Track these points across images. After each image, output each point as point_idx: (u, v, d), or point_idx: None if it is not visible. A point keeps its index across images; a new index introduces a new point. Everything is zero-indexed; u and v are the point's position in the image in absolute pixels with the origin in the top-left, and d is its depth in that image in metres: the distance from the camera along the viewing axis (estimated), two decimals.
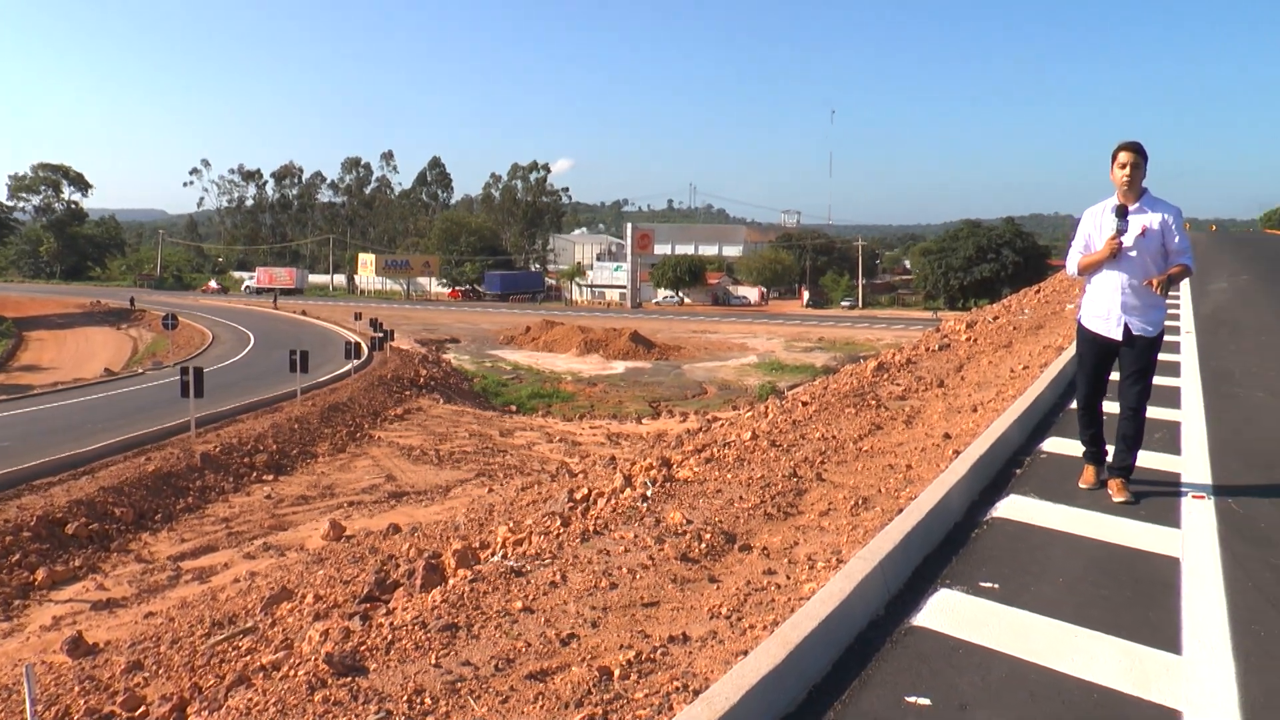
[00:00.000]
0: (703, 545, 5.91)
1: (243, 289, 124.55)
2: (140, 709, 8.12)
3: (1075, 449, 6.82)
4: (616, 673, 4.17)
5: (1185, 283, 22.27)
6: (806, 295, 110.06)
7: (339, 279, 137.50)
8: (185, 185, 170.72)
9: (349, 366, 41.78)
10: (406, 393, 39.75)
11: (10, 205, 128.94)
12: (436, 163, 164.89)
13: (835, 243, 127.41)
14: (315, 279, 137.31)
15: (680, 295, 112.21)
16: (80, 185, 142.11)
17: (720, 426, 14.23)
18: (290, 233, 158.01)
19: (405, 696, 4.17)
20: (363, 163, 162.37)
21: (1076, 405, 6.68)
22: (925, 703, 3.85)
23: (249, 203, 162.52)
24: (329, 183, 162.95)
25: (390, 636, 4.98)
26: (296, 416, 30.89)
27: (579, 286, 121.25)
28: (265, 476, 24.81)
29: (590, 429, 36.12)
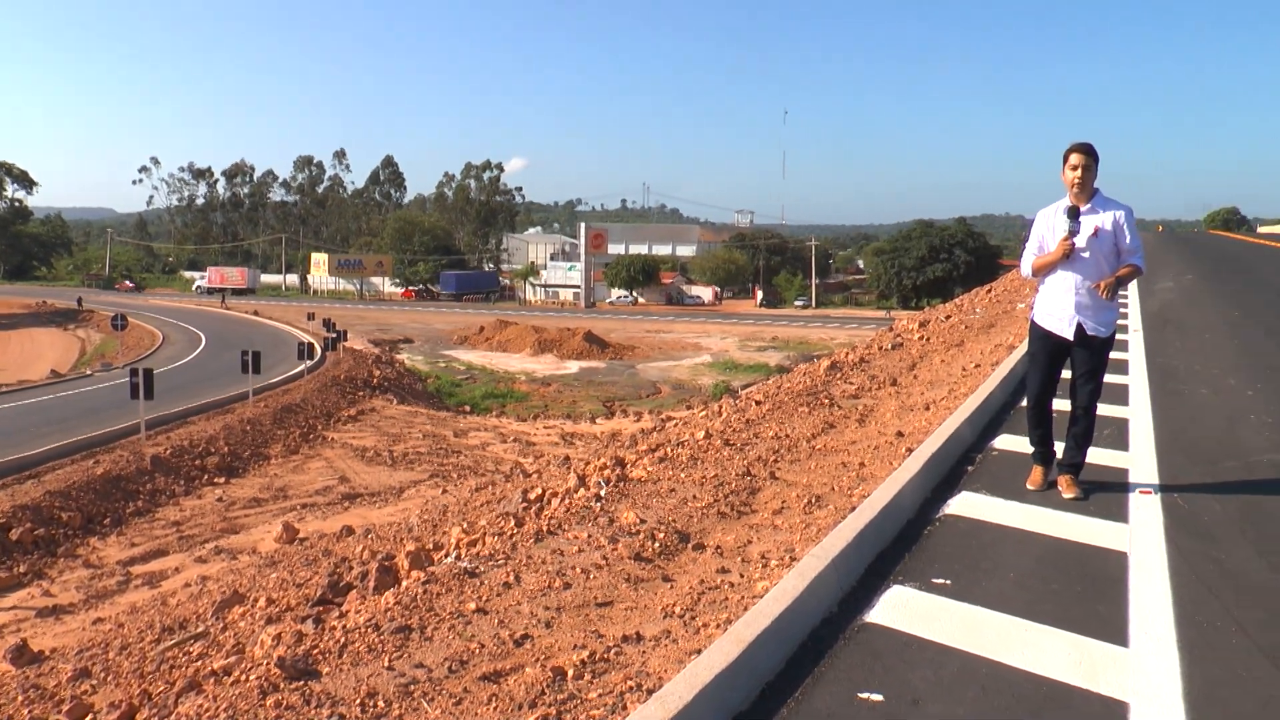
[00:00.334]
0: (656, 544, 5.91)
1: (194, 289, 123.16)
2: (88, 717, 7.99)
3: (1026, 446, 6.87)
4: (570, 673, 4.15)
5: (1133, 283, 22.59)
6: (760, 295, 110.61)
7: (291, 279, 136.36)
8: (134, 183, 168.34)
9: (302, 367, 41.47)
10: (360, 393, 39.50)
11: None
12: (390, 161, 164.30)
13: (789, 242, 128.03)
14: (268, 279, 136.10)
15: (634, 295, 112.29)
16: (25, 183, 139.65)
17: (674, 426, 14.24)
18: (242, 232, 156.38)
19: (358, 700, 4.14)
20: (315, 161, 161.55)
21: (1027, 402, 6.69)
22: (878, 698, 3.87)
23: (200, 201, 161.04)
24: (281, 181, 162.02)
25: (343, 639, 4.94)
26: (249, 418, 30.59)
27: (533, 286, 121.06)
28: (217, 479, 24.54)
29: (544, 429, 36.08)
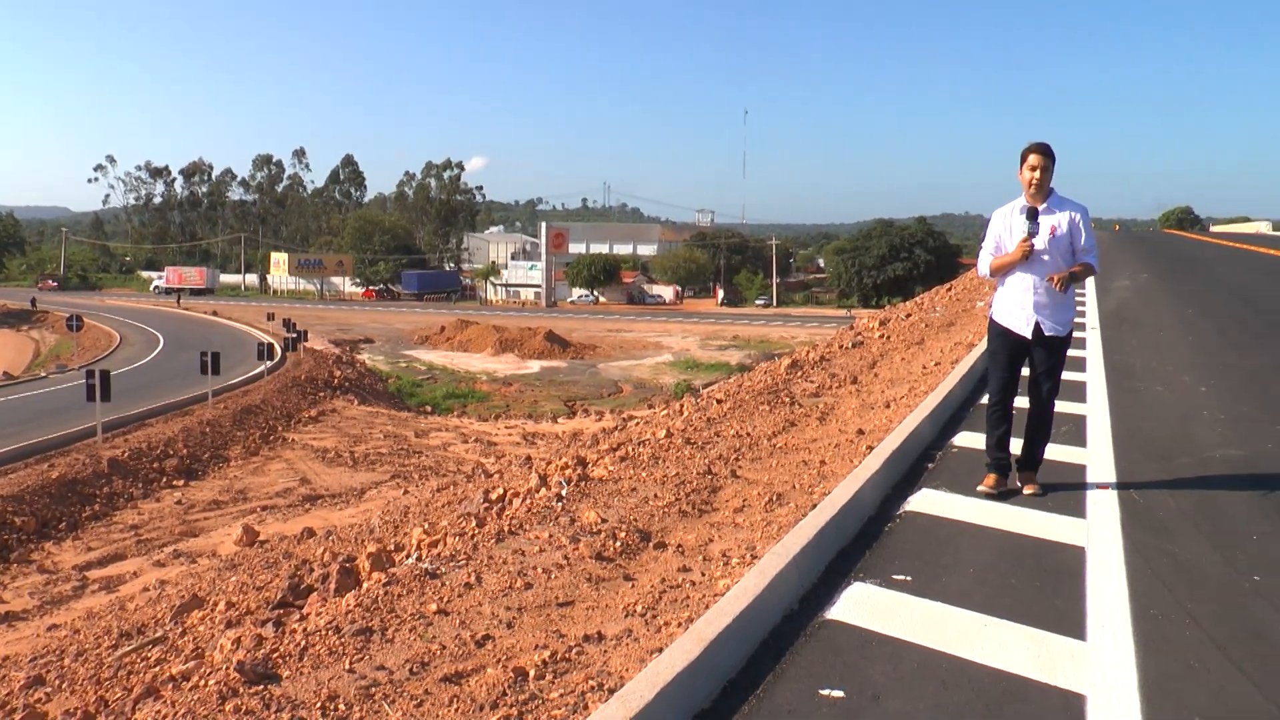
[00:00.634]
0: (618, 544, 5.90)
1: (151, 289, 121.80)
2: None
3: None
4: (532, 673, 4.14)
5: (1090, 281, 22.83)
6: (721, 294, 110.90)
7: (251, 279, 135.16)
8: (90, 182, 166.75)
9: (262, 368, 41.17)
10: (321, 394, 39.27)
11: None
12: (349, 160, 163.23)
13: (749, 241, 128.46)
14: (227, 279, 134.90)
15: (595, 294, 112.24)
16: None
17: (635, 425, 14.27)
18: (200, 231, 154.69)
19: (319, 703, 4.10)
20: (274, 160, 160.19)
21: (988, 401, 6.68)
22: (839, 694, 3.89)
23: (157, 200, 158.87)
24: (240, 180, 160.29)
25: (304, 642, 4.89)
26: (208, 420, 30.35)
27: (494, 286, 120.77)
28: (176, 482, 24.32)
29: (506, 429, 36.02)
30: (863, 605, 4.76)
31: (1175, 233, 79.77)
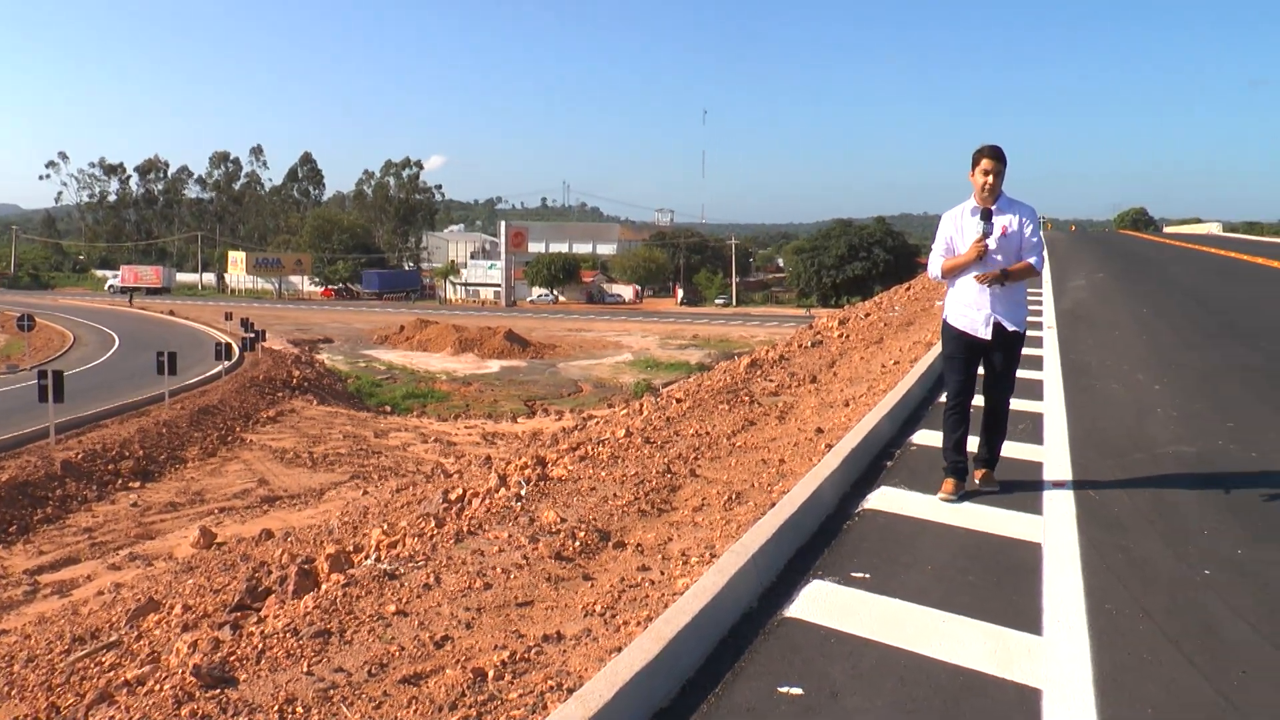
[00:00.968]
0: (577, 543, 5.89)
1: (106, 288, 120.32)
2: None
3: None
4: (491, 674, 4.12)
5: (1047, 280, 23.05)
6: (681, 293, 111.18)
7: (208, 278, 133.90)
8: (41, 179, 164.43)
9: (219, 368, 40.77)
10: (279, 394, 38.97)
11: None
12: (308, 159, 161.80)
13: (709, 241, 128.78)
14: (183, 278, 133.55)
15: (555, 293, 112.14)
16: None
17: (595, 424, 14.25)
18: (156, 230, 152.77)
19: (276, 706, 4.06)
20: (231, 157, 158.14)
21: (946, 404, 6.62)
22: (797, 692, 3.89)
23: (111, 198, 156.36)
24: (196, 178, 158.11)
25: (261, 645, 4.85)
26: (165, 420, 30.01)
27: (453, 285, 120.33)
28: (131, 483, 24.02)
29: (465, 429, 35.92)
30: (821, 603, 4.77)
31: (1130, 233, 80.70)
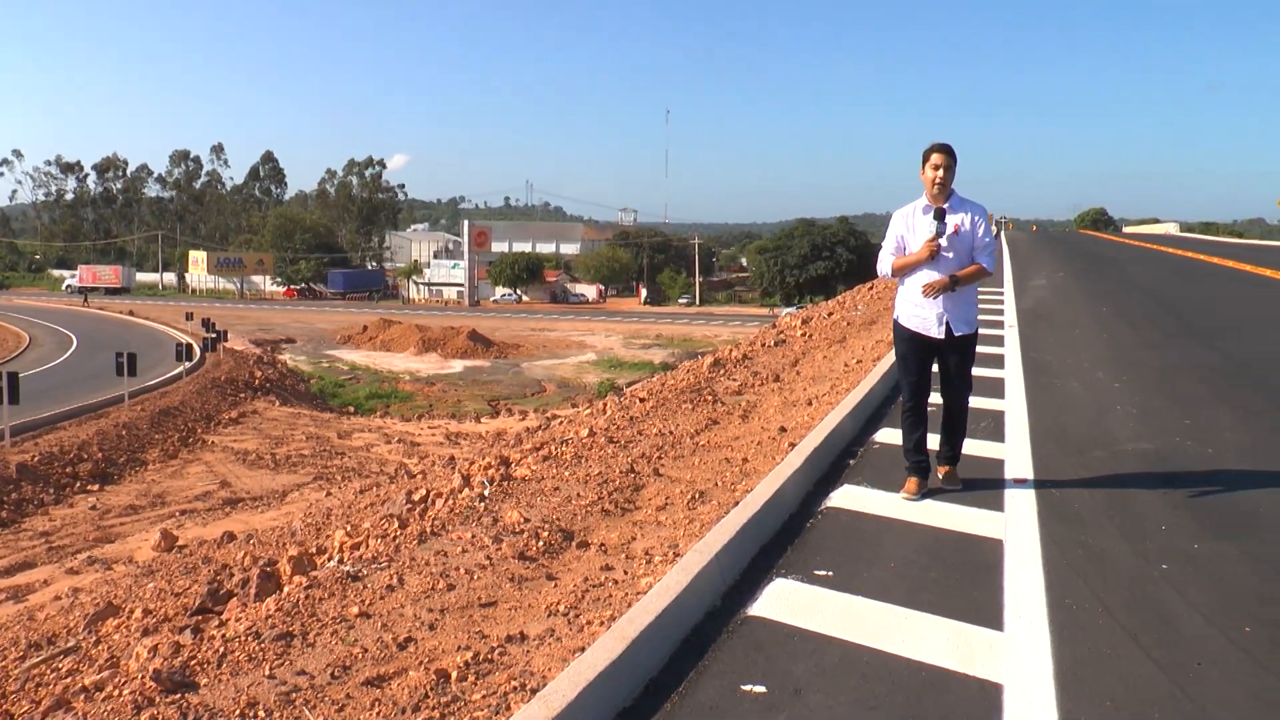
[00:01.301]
0: (540, 543, 5.87)
1: (64, 288, 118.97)
2: None
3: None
4: (454, 675, 4.10)
5: (1008, 279, 23.26)
6: (644, 293, 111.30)
7: (169, 277, 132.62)
8: None
9: (180, 369, 40.42)
10: (241, 395, 38.69)
11: None
12: (269, 157, 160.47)
13: (672, 241, 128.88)
14: (143, 277, 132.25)
15: (518, 293, 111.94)
16: None
17: (559, 424, 14.20)
18: (115, 229, 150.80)
19: (238, 710, 4.02)
20: (192, 156, 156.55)
21: (903, 406, 6.60)
22: (761, 690, 3.90)
23: (69, 197, 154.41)
24: (156, 176, 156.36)
25: (222, 649, 4.80)
26: (124, 422, 29.70)
27: (416, 284, 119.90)
28: (90, 486, 23.75)
29: (429, 429, 35.80)
30: (785, 601, 4.78)
31: (1090, 233, 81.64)
